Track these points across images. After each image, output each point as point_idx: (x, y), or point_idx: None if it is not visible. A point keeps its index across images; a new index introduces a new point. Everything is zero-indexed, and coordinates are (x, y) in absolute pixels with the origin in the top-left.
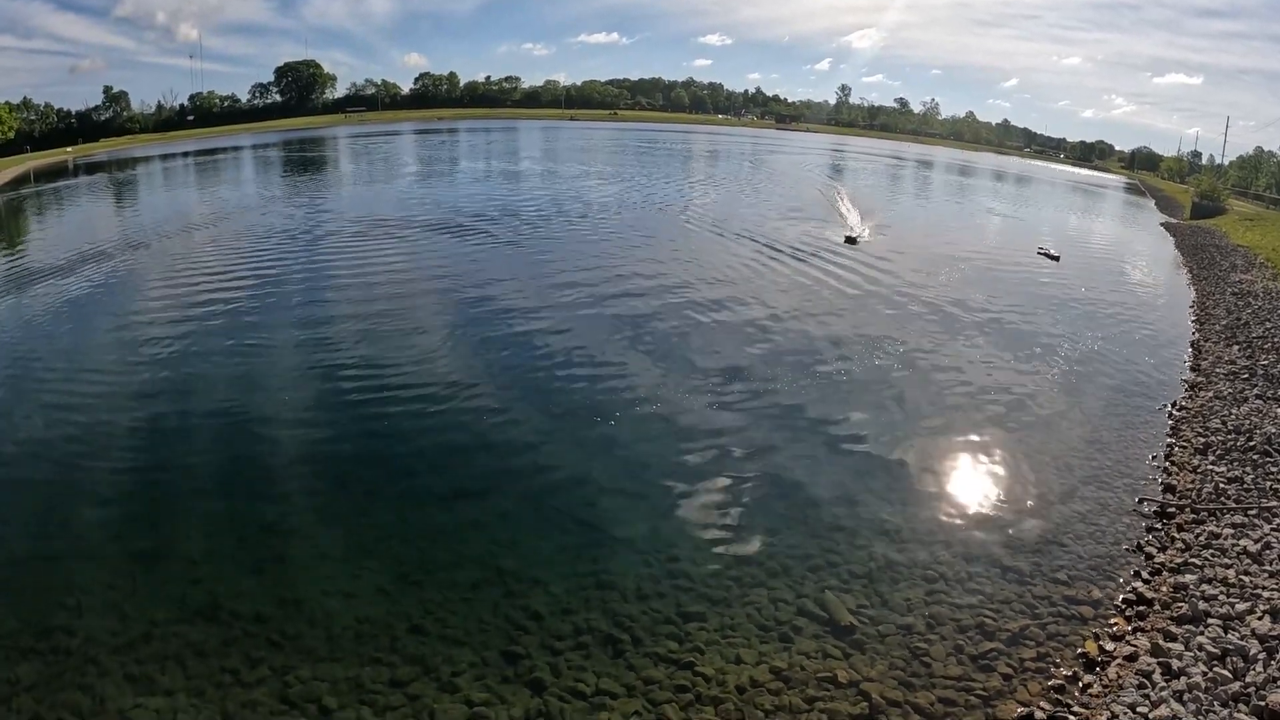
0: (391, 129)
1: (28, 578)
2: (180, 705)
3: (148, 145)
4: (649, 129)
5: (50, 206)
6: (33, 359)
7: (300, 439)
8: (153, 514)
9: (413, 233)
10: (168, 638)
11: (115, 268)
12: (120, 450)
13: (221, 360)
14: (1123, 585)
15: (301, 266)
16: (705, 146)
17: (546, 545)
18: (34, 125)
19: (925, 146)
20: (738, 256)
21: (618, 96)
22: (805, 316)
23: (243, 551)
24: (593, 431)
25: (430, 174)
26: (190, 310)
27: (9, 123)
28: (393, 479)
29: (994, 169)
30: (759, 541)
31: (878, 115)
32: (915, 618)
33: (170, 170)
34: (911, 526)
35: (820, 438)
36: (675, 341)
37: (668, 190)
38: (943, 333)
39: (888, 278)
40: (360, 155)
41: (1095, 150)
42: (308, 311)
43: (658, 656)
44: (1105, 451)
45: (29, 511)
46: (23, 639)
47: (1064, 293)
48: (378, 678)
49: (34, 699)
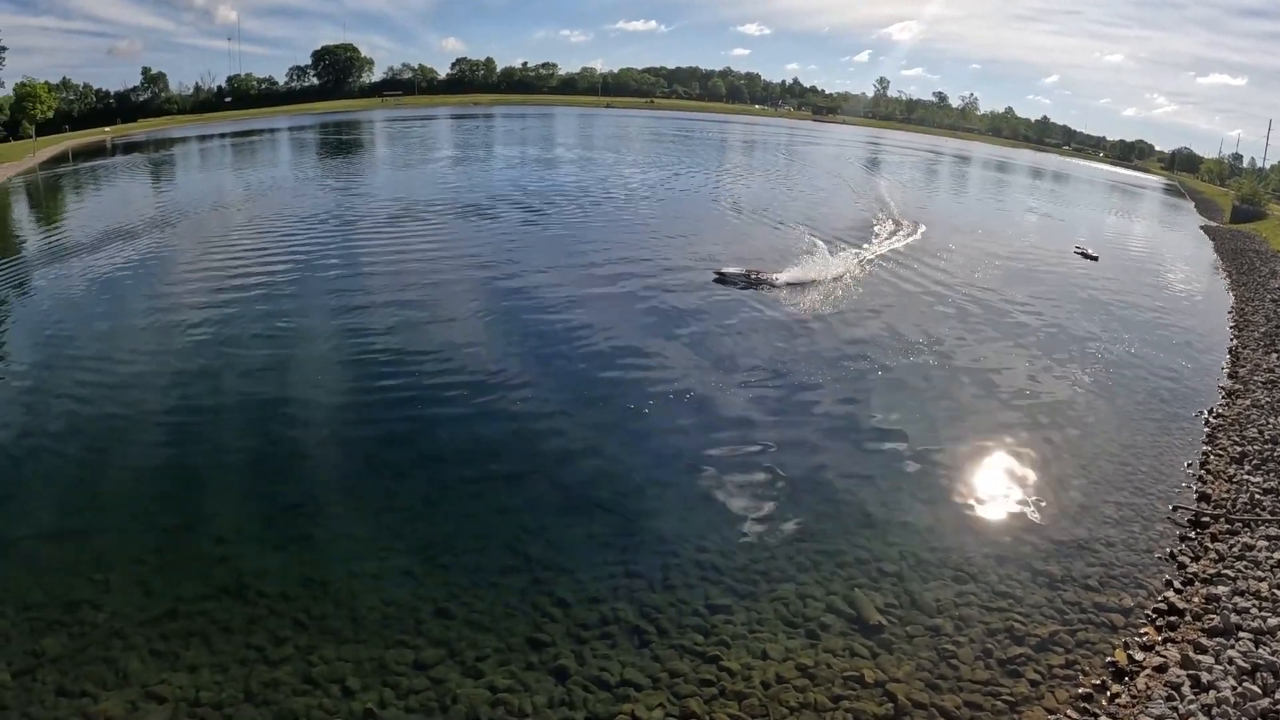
0: (428, 113)
1: (56, 551)
2: (204, 681)
3: (185, 126)
4: (685, 118)
5: (88, 184)
6: (68, 335)
7: (329, 421)
8: (181, 491)
9: (448, 217)
10: (193, 614)
11: (150, 246)
12: (151, 428)
13: (253, 340)
14: (1154, 594)
15: (335, 249)
16: (741, 136)
17: (574, 533)
18: (73, 105)
19: (963, 142)
20: (774, 248)
21: (654, 85)
22: (839, 311)
23: (270, 531)
24: (624, 419)
25: (466, 158)
26: (224, 289)
27: (48, 102)
28: (421, 462)
29: (1032, 166)
30: (789, 536)
31: (915, 109)
32: (944, 619)
33: (207, 151)
34: (943, 526)
35: (853, 433)
36: (709, 332)
37: (704, 179)
38: (978, 330)
39: (925, 274)
40: (396, 139)
41: (1135, 150)
42: (341, 293)
43: (684, 649)
44: (1140, 457)
45: (60, 486)
46: (49, 611)
47: (1101, 293)
48: (401, 660)
49: (59, 671)
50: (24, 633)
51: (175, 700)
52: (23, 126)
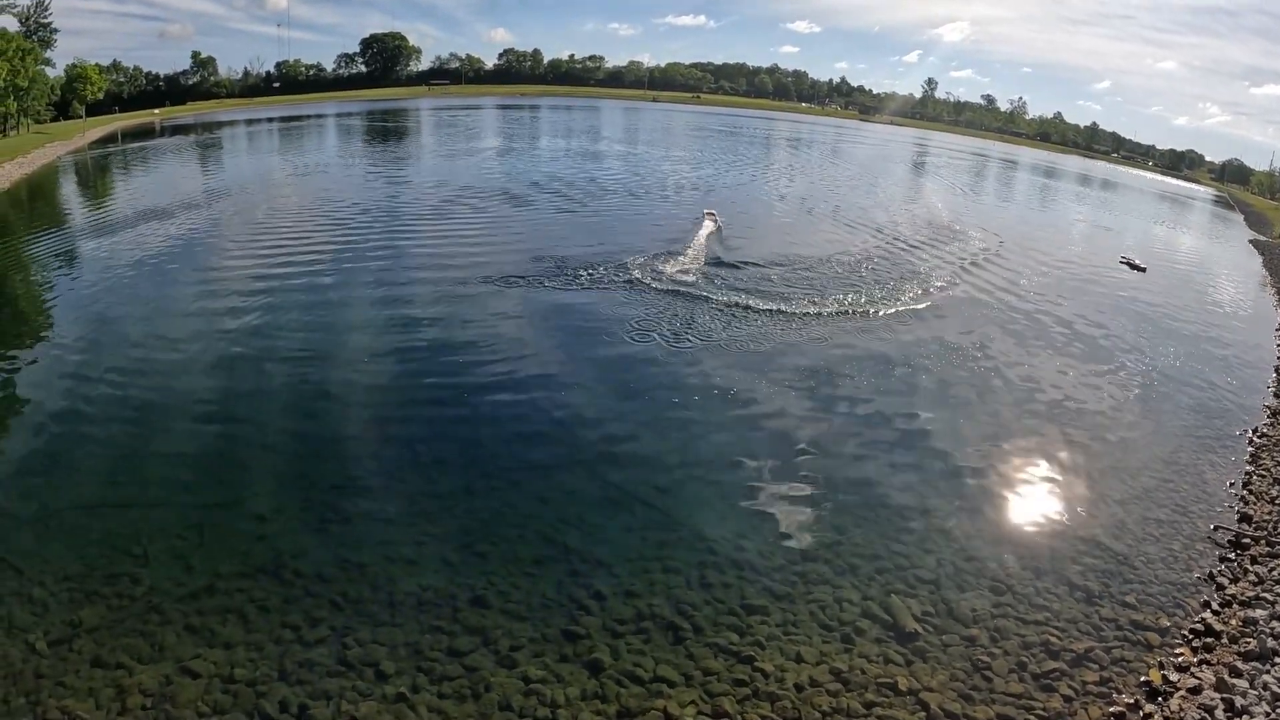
0: (474, 103)
1: (97, 523)
2: (238, 659)
3: (233, 110)
4: (732, 114)
5: (135, 164)
6: (114, 312)
7: (370, 405)
8: (222, 469)
9: (494, 205)
10: (230, 591)
11: (195, 227)
12: (193, 406)
13: (296, 324)
14: (1191, 614)
15: (379, 235)
16: (789, 134)
17: (612, 526)
18: (123, 87)
19: (1010, 146)
20: (821, 249)
21: (701, 80)
22: (883, 314)
23: (309, 512)
24: (665, 414)
25: (512, 149)
26: (268, 273)
27: (99, 84)
28: (461, 450)
29: (1080, 173)
30: (827, 538)
31: (963, 111)
32: (980, 629)
33: (254, 135)
34: (982, 536)
35: (895, 439)
36: (753, 330)
37: (751, 175)
38: (1022, 339)
39: (970, 280)
40: (442, 127)
41: (1184, 159)
42: (384, 278)
43: (718, 647)
44: (1182, 474)
45: (103, 460)
46: (88, 582)
47: (1148, 306)
48: (436, 646)
49: (95, 641)
50: (62, 602)
51: (209, 676)
52: (73, 107)
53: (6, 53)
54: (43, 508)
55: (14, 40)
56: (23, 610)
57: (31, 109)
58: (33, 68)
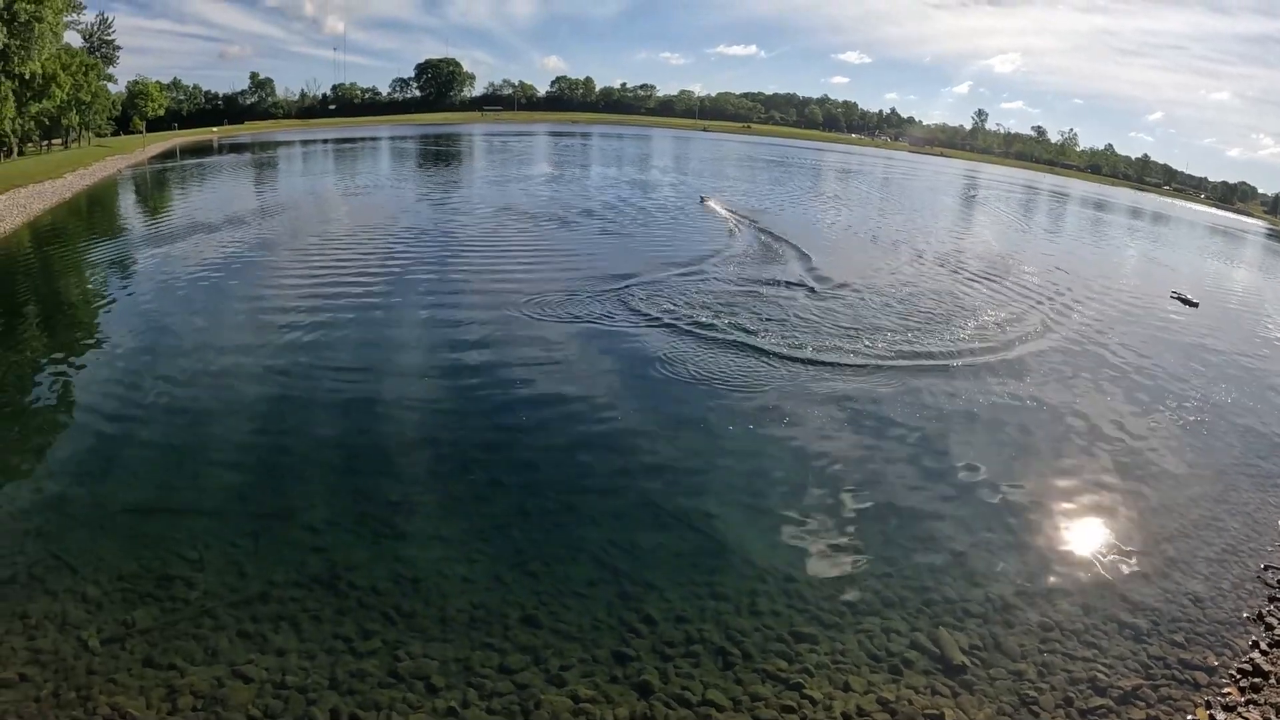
0: (526, 129)
1: (153, 527)
2: (290, 666)
3: (289, 130)
4: (782, 144)
5: (193, 180)
6: (171, 323)
7: (425, 423)
8: (278, 480)
9: (547, 229)
10: (284, 600)
11: (249, 241)
12: (249, 417)
13: (351, 340)
14: (1239, 654)
15: (434, 254)
16: (838, 164)
17: (663, 550)
18: (182, 104)
19: (1061, 178)
20: (878, 279)
21: (751, 110)
22: (929, 346)
23: (364, 525)
24: (716, 440)
25: (563, 175)
26: (321, 289)
27: (159, 100)
28: (515, 470)
29: (1131, 206)
30: (876, 569)
31: (1014, 143)
32: (1027, 664)
33: (310, 155)
34: (1030, 571)
35: (943, 472)
36: (806, 358)
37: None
38: (1071, 373)
39: (1017, 315)
40: (495, 152)
41: (1236, 192)
42: (438, 298)
43: (766, 674)
44: (1233, 513)
45: (159, 465)
46: (142, 584)
47: (1200, 342)
48: (487, 662)
49: (148, 642)
50: (116, 602)
51: (261, 681)
52: (133, 122)
53: (70, 67)
54: (99, 509)
55: (78, 56)
56: (76, 608)
57: (93, 123)
58: (95, 83)
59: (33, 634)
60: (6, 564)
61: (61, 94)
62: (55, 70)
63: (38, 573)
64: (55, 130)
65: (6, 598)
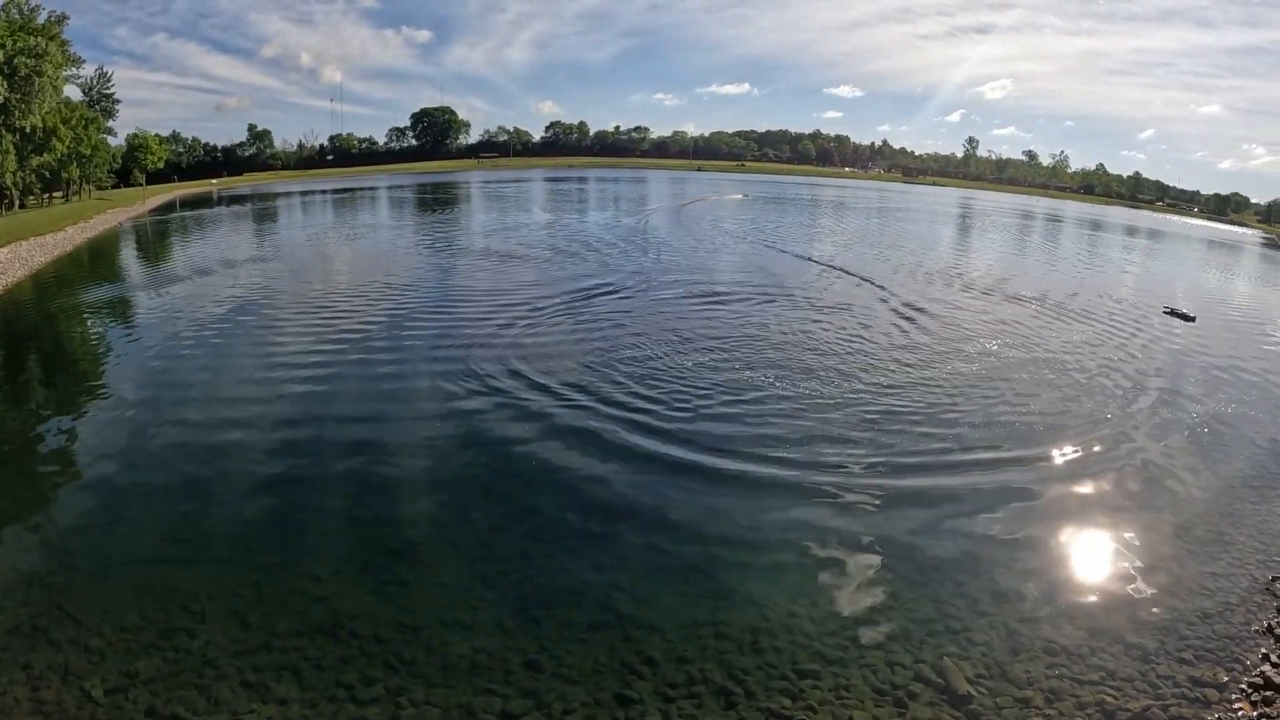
0: (522, 176)
1: (156, 578)
2: (293, 715)
3: (288, 181)
4: (776, 181)
5: (193, 231)
6: (172, 374)
7: (426, 470)
8: (281, 529)
9: (546, 274)
10: (286, 649)
11: (250, 292)
12: (252, 467)
13: (351, 388)
14: (1249, 669)
15: (433, 302)
16: (833, 198)
17: (665, 592)
18: (181, 157)
19: (1054, 201)
20: (864, 310)
21: (744, 147)
22: (930, 372)
23: (366, 574)
24: (718, 481)
25: (559, 221)
26: (323, 339)
27: (159, 153)
28: (517, 516)
29: (1125, 224)
30: (878, 602)
31: (1006, 168)
32: (1034, 691)
33: (309, 205)
34: (1034, 596)
35: (943, 499)
36: (803, 393)
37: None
38: (1070, 391)
39: (1013, 335)
40: (491, 200)
41: (1229, 203)
42: (439, 345)
43: (770, 712)
44: (1238, 526)
45: (162, 516)
46: (145, 634)
47: (1199, 355)
48: (489, 708)
49: (151, 692)
50: (119, 652)
51: None
52: (134, 174)
53: (71, 121)
54: (102, 560)
55: (78, 110)
56: (79, 658)
57: (93, 175)
58: (95, 136)
59: (36, 684)
60: (10, 614)
61: (62, 147)
62: (55, 124)
63: (41, 623)
64: (56, 183)
65: (10, 648)
